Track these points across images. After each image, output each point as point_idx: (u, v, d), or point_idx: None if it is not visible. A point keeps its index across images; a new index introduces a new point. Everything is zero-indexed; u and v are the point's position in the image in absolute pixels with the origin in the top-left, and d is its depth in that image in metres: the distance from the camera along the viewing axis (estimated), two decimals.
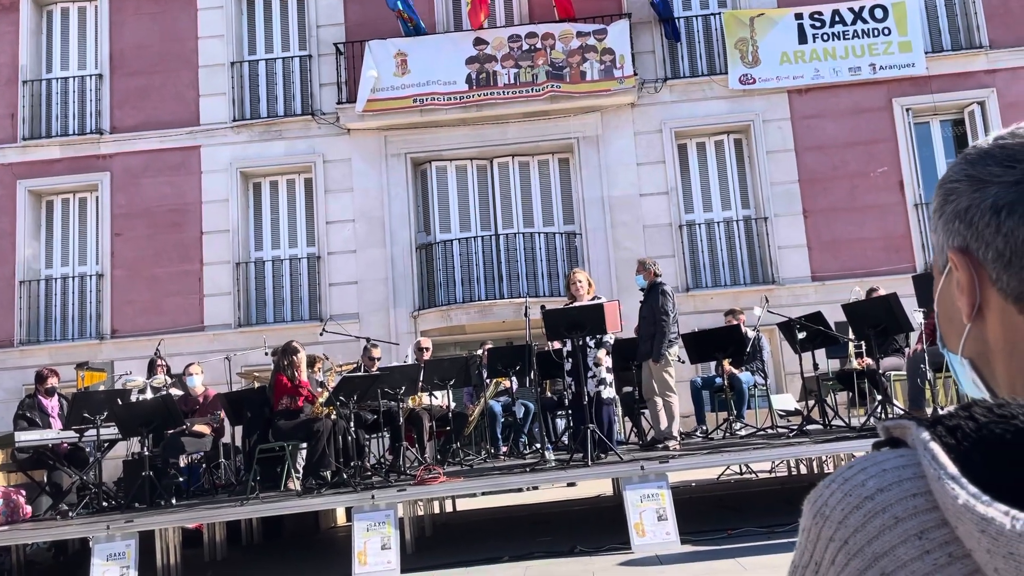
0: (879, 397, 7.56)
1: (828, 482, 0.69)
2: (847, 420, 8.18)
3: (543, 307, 7.46)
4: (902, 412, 7.28)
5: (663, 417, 7.73)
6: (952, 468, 0.60)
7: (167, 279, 14.30)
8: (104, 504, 7.71)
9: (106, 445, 8.15)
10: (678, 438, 7.81)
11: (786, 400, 10.65)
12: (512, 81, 14.29)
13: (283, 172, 14.93)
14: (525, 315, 7.84)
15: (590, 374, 7.23)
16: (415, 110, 14.29)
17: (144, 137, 14.73)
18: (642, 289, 7.90)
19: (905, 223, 13.92)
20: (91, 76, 15.20)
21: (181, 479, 8.30)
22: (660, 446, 7.66)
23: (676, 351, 7.87)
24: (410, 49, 14.37)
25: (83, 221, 15.04)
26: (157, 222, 14.49)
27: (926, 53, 14.23)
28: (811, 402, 8.71)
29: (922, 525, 0.61)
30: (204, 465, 9.18)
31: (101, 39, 15.25)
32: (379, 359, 9.35)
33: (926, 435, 0.64)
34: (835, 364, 9.74)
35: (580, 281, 7.62)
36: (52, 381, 8.75)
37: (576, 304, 7.41)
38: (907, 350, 7.70)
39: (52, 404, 8.65)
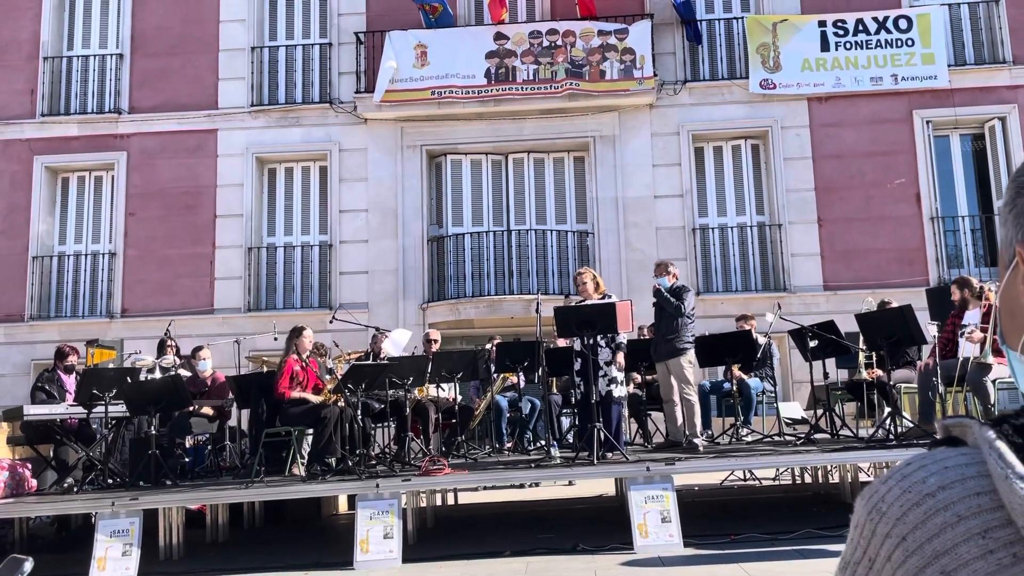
0: (888, 409, 7.52)
1: (885, 478, 0.68)
2: (855, 431, 8.14)
3: (556, 307, 7.46)
4: (912, 425, 7.24)
5: (679, 416, 7.70)
6: (1021, 467, 0.59)
7: (179, 261, 14.35)
8: (109, 481, 7.73)
9: (114, 422, 8.18)
10: (702, 436, 7.80)
11: (793, 408, 10.59)
12: (531, 77, 14.27)
13: (299, 159, 14.96)
14: (536, 311, 7.82)
15: (601, 373, 7.21)
16: (433, 102, 14.29)
17: (162, 118, 14.77)
18: (666, 290, 7.79)
19: (920, 236, 13.85)
20: (111, 55, 15.24)
21: (187, 460, 8.33)
22: (686, 444, 7.61)
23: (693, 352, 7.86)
24: (430, 41, 14.36)
25: (98, 199, 15.10)
26: (171, 204, 14.53)
27: (949, 66, 14.14)
28: (819, 411, 8.67)
29: (986, 524, 0.59)
30: (209, 447, 9.21)
31: (123, 19, 15.29)
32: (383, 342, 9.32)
33: (991, 433, 0.63)
34: (844, 374, 9.71)
35: (586, 282, 7.58)
36: (72, 359, 8.80)
37: (589, 302, 7.39)
38: (919, 363, 7.65)
39: (70, 381, 8.69)
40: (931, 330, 7.24)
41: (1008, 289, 0.73)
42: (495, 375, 9.34)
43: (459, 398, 9.40)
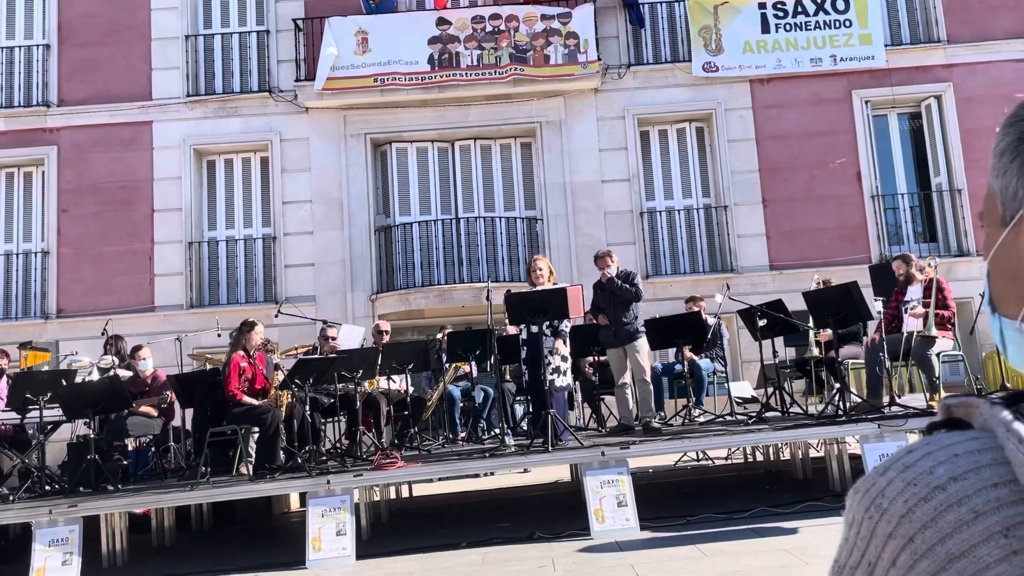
0: (836, 385, 7.61)
1: (883, 469, 0.59)
2: (805, 408, 8.24)
3: (508, 292, 7.34)
4: (860, 400, 7.34)
5: (631, 400, 7.66)
6: None
7: (116, 258, 13.88)
8: (47, 488, 7.43)
9: (49, 427, 7.85)
10: (655, 418, 7.78)
11: (743, 387, 10.70)
12: (475, 63, 14.10)
13: (238, 150, 14.57)
14: (487, 299, 7.72)
15: (546, 362, 7.13)
16: (376, 90, 14.04)
17: (93, 111, 14.24)
18: (613, 279, 7.67)
19: (862, 214, 14.09)
20: (38, 46, 14.64)
21: (125, 462, 8.05)
22: (644, 426, 7.56)
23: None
24: (371, 27, 14.09)
25: (28, 196, 14.52)
26: (106, 199, 14.04)
27: (885, 46, 14.38)
28: (769, 389, 8.74)
29: (1007, 520, 0.51)
30: (153, 449, 8.93)
31: (49, 8, 14.69)
32: (335, 338, 9.12)
33: (1007, 414, 0.54)
34: (792, 352, 9.83)
35: (541, 268, 7.50)
36: (2, 362, 8.44)
37: (539, 288, 7.32)
38: (865, 339, 7.76)
39: (1, 385, 8.33)
40: (876, 306, 7.33)
41: (1007, 249, 0.64)
42: (447, 365, 9.22)
43: (411, 389, 9.26)
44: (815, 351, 8.24)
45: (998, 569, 0.50)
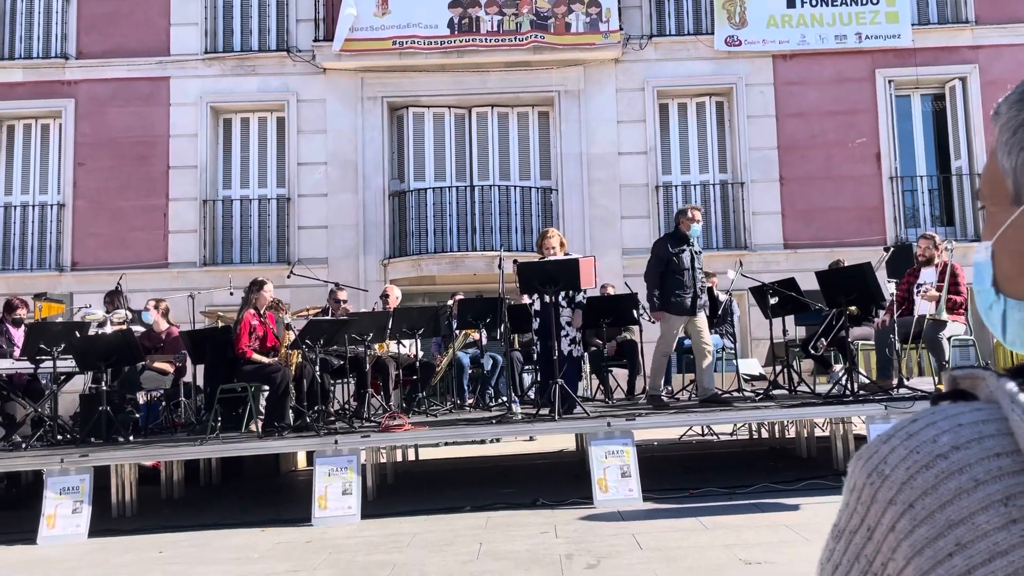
0: (843, 365, 7.60)
1: (886, 436, 0.59)
2: (812, 387, 8.24)
3: (515, 261, 7.34)
4: (869, 381, 7.34)
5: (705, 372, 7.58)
6: None
7: (131, 213, 13.94)
8: (59, 438, 7.55)
9: (62, 378, 7.95)
10: (663, 391, 7.78)
11: (751, 365, 10.71)
12: (495, 28, 13.98)
13: (255, 109, 14.54)
14: (499, 267, 7.72)
15: (563, 333, 7.15)
16: (394, 52, 13.96)
17: (111, 64, 14.22)
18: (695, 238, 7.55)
19: (879, 195, 13.97)
20: None
21: (137, 415, 8.16)
22: (712, 396, 7.44)
23: None
24: None
25: (45, 148, 14.57)
26: (122, 153, 14.07)
27: (912, 25, 14.14)
28: (777, 367, 8.74)
29: (1008, 490, 0.51)
30: (164, 403, 9.04)
31: None
32: (345, 302, 9.17)
33: (1012, 385, 0.55)
34: (802, 331, 9.81)
35: (554, 247, 7.46)
36: (21, 312, 8.54)
37: (552, 258, 7.31)
38: (876, 320, 7.73)
39: (19, 334, 8.43)
40: (890, 288, 7.30)
41: (1020, 229, 0.63)
42: (457, 331, 9.26)
43: (420, 354, 9.31)
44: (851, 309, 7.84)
45: (996, 537, 0.50)
